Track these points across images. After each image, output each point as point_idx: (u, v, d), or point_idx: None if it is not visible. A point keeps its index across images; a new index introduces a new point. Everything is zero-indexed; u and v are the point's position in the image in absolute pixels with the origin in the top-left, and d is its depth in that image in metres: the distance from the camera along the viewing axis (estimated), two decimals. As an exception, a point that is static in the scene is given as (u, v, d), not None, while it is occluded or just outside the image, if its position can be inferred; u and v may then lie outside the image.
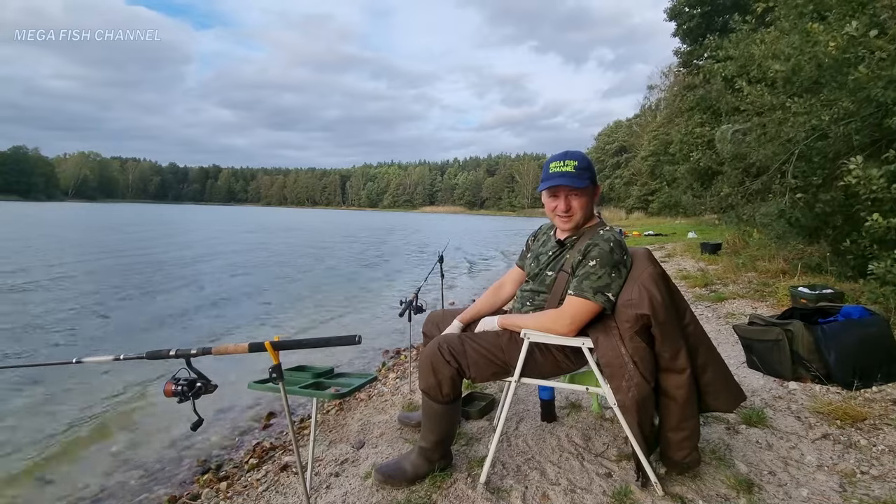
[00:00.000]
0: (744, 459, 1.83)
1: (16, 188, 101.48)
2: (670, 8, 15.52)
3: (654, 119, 37.30)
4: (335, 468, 1.98)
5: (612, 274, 1.61)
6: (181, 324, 5.32)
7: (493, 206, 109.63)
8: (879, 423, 2.06)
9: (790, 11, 4.64)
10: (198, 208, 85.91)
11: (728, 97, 6.81)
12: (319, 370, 2.09)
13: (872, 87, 3.38)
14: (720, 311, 4.43)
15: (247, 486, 2.04)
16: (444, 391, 1.65)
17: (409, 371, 3.06)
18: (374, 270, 10.35)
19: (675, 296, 1.62)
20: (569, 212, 1.70)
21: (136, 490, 2.22)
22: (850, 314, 2.64)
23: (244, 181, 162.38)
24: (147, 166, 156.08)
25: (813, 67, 3.90)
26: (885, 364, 2.46)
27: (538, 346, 1.70)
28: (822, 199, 4.27)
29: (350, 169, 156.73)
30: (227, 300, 6.60)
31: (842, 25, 3.40)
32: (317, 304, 6.60)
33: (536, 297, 1.79)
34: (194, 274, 8.89)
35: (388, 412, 2.55)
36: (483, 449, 1.97)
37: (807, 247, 5.64)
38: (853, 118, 3.84)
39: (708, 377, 1.61)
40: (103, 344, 4.52)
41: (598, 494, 1.64)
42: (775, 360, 2.67)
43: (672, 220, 25.92)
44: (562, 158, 1.69)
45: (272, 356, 1.36)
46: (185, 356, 1.35)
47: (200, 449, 2.59)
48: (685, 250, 10.31)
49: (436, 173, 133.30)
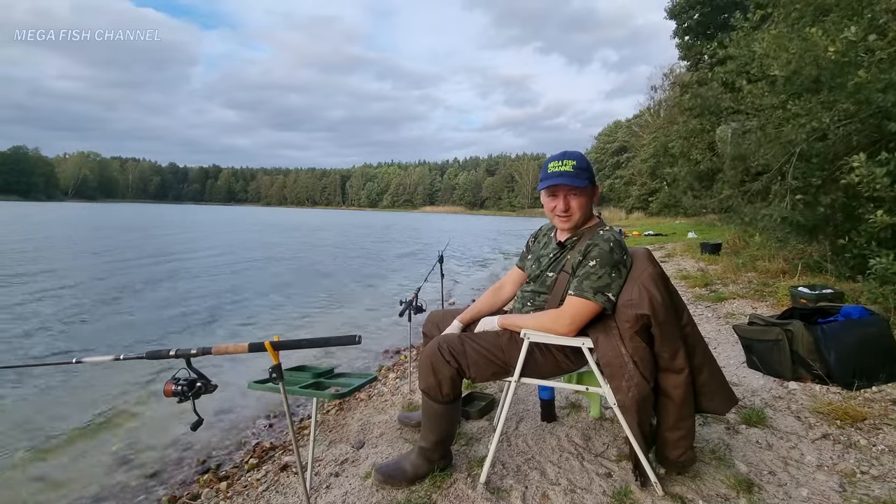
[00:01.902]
0: (744, 459, 1.83)
1: (16, 188, 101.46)
2: (670, 8, 15.53)
3: (655, 119, 37.30)
4: (335, 468, 1.98)
5: (613, 274, 1.61)
6: (181, 323, 5.32)
7: (493, 206, 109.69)
8: (879, 423, 2.06)
9: (788, 15, 4.64)
10: (198, 208, 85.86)
11: (727, 98, 6.81)
12: (319, 370, 2.10)
13: (871, 89, 3.39)
14: (720, 311, 4.43)
15: (247, 486, 2.04)
16: (444, 391, 1.65)
17: (409, 371, 3.06)
18: (374, 271, 10.35)
19: (674, 296, 1.62)
20: (567, 211, 1.70)
21: (136, 490, 2.23)
22: (850, 314, 2.64)
23: (244, 181, 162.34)
24: (147, 166, 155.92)
25: (813, 69, 3.91)
26: (885, 364, 2.46)
27: (538, 346, 1.70)
28: (824, 203, 4.27)
29: (350, 169, 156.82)
30: (228, 300, 6.60)
31: (840, 29, 3.40)
32: (317, 303, 6.60)
33: (537, 297, 1.80)
34: (196, 272, 8.89)
35: (388, 412, 2.55)
36: (483, 449, 1.97)
37: (807, 247, 5.64)
38: (852, 120, 3.84)
39: (703, 378, 1.62)
40: (103, 344, 4.52)
41: (598, 494, 1.64)
42: (775, 360, 2.67)
43: (672, 220, 25.92)
44: (560, 158, 1.69)
45: (272, 356, 1.36)
46: (185, 356, 1.35)
47: (200, 449, 2.59)
48: (685, 250, 10.30)
49: (436, 173, 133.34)
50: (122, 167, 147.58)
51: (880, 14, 3.47)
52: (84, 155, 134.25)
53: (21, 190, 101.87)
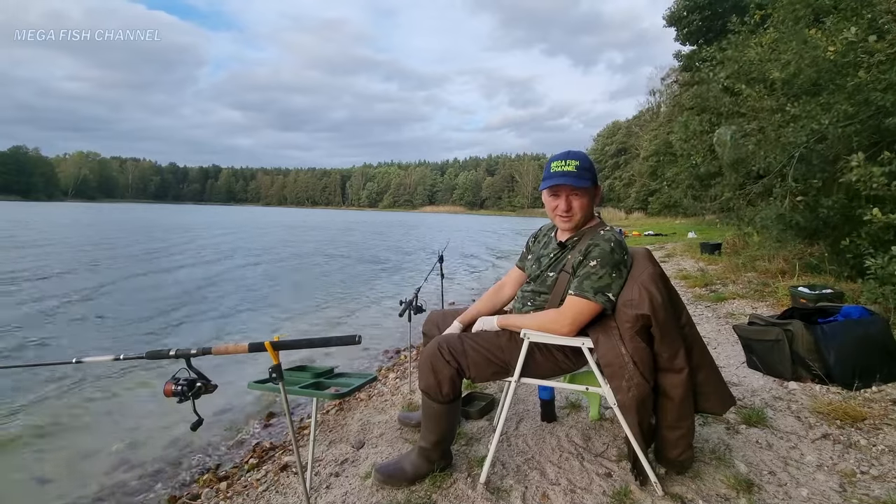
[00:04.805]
0: (744, 459, 1.83)
1: (16, 188, 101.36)
2: (669, 14, 15.53)
3: (655, 119, 37.30)
4: (335, 468, 1.98)
5: (613, 274, 1.61)
6: (181, 323, 5.32)
7: (493, 205, 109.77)
8: (879, 423, 2.06)
9: (787, 17, 4.64)
10: (199, 208, 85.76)
11: (726, 100, 6.81)
12: (319, 370, 2.09)
13: (871, 90, 3.38)
14: (720, 311, 4.43)
15: (247, 486, 2.04)
16: (443, 391, 1.65)
17: (409, 371, 3.06)
18: (375, 270, 10.35)
19: (673, 296, 1.62)
20: (569, 212, 1.70)
21: (136, 490, 2.22)
22: (850, 314, 2.64)
23: (244, 181, 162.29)
24: (147, 166, 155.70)
25: (812, 71, 3.91)
26: (884, 364, 2.46)
27: (538, 346, 1.70)
28: (825, 205, 4.27)
29: (350, 169, 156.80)
30: (227, 300, 6.60)
31: (840, 30, 3.40)
32: (317, 303, 6.60)
33: (537, 297, 1.79)
34: (200, 273, 8.88)
35: (388, 412, 2.55)
36: (483, 449, 1.97)
37: (807, 247, 5.64)
38: (852, 121, 3.84)
39: (701, 378, 1.62)
40: (103, 343, 4.51)
41: (597, 494, 1.64)
42: (775, 360, 2.67)
43: (672, 221, 25.93)
44: (563, 158, 1.68)
45: (272, 356, 1.36)
46: (185, 356, 1.35)
47: (200, 449, 2.59)
48: (685, 250, 10.31)
49: (436, 173, 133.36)
50: (122, 167, 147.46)
51: (880, 14, 3.47)
52: (83, 155, 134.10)
53: (21, 190, 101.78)
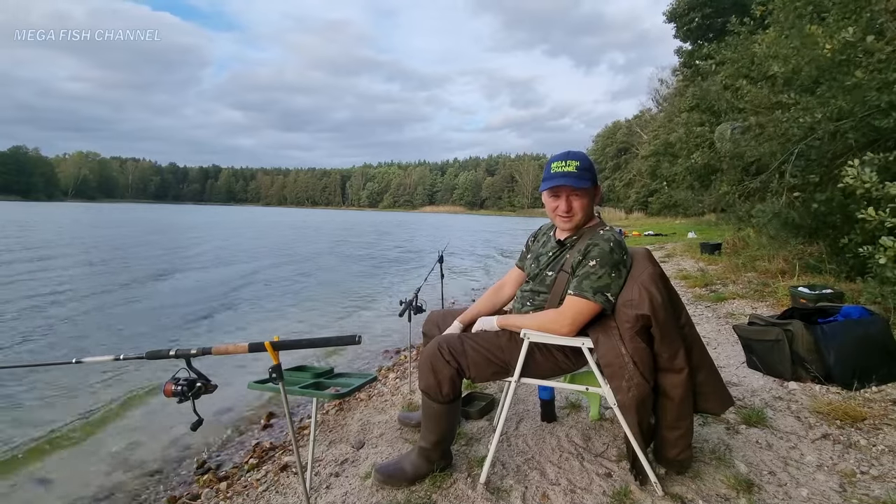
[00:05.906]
0: (744, 459, 1.83)
1: (16, 188, 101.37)
2: (669, 11, 15.52)
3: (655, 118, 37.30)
4: (335, 468, 1.98)
5: (612, 274, 1.61)
6: (181, 323, 5.32)
7: (493, 205, 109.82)
8: (879, 423, 2.06)
9: (789, 13, 4.64)
10: (199, 208, 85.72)
11: (727, 96, 6.81)
12: (319, 370, 2.10)
13: (868, 88, 3.38)
14: (720, 311, 4.42)
15: (247, 487, 2.04)
16: (443, 391, 1.65)
17: (409, 371, 3.06)
18: (375, 270, 10.34)
19: (673, 296, 1.62)
20: (570, 212, 1.70)
21: (136, 490, 2.23)
22: (850, 314, 2.64)
23: (244, 181, 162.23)
24: (146, 166, 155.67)
25: (812, 69, 3.90)
26: (884, 364, 2.46)
27: (538, 346, 1.70)
28: (819, 199, 4.26)
29: (350, 169, 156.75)
30: (228, 300, 6.60)
31: (839, 28, 3.40)
32: (317, 303, 6.60)
33: (536, 297, 1.79)
34: (195, 274, 8.89)
35: (388, 412, 2.55)
36: (483, 449, 1.97)
37: (806, 247, 5.64)
38: (848, 118, 3.83)
39: (700, 378, 1.62)
40: (103, 343, 4.51)
41: (597, 494, 1.64)
42: (775, 360, 2.67)
43: (672, 220, 25.94)
44: (563, 158, 1.68)
45: (272, 356, 1.36)
46: (185, 356, 1.35)
47: (200, 449, 2.59)
48: (685, 250, 10.30)
49: (436, 173, 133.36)
50: (122, 167, 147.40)
51: (879, 14, 3.47)
52: (83, 155, 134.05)
53: (21, 190, 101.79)
